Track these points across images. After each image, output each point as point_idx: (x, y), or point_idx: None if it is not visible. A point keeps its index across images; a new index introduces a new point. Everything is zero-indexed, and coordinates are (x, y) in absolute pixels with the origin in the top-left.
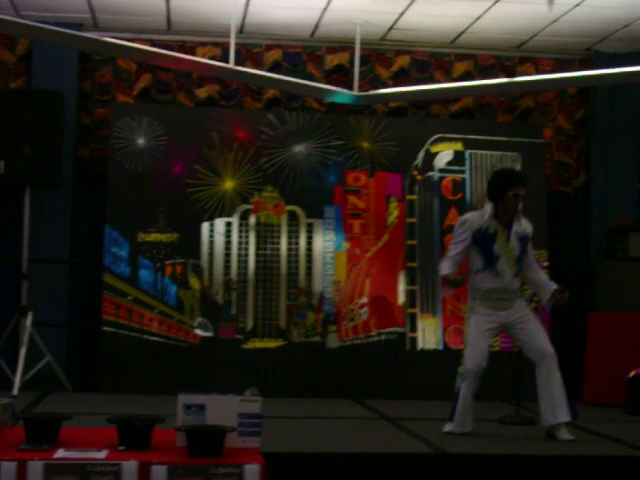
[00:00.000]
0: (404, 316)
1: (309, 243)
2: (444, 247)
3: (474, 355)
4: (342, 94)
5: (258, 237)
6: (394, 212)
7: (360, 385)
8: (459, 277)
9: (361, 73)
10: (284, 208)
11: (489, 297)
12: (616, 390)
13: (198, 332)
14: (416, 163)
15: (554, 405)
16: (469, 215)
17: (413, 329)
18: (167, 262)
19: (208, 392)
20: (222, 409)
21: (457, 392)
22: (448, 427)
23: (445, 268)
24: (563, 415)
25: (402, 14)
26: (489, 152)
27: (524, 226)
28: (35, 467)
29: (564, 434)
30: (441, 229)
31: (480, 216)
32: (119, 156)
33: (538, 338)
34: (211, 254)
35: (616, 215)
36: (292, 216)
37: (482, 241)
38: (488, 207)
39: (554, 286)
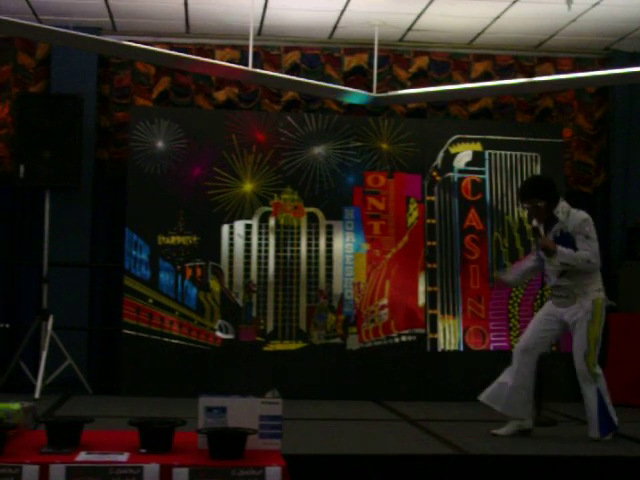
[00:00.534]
0: (424, 317)
1: (329, 245)
2: (464, 248)
3: (526, 333)
4: (358, 95)
5: (278, 239)
6: (414, 213)
7: (381, 386)
8: (503, 277)
9: (379, 74)
10: (304, 210)
11: (551, 294)
12: (637, 390)
13: (219, 334)
14: (435, 164)
15: (588, 419)
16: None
17: (434, 330)
18: (187, 265)
19: (229, 394)
20: (243, 411)
21: None
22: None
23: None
24: (593, 432)
25: (420, 15)
26: (508, 152)
27: (567, 222)
28: (57, 470)
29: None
30: (461, 230)
31: None
32: (139, 159)
33: (576, 353)
34: (231, 256)
35: (636, 215)
36: (312, 218)
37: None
38: None
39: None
